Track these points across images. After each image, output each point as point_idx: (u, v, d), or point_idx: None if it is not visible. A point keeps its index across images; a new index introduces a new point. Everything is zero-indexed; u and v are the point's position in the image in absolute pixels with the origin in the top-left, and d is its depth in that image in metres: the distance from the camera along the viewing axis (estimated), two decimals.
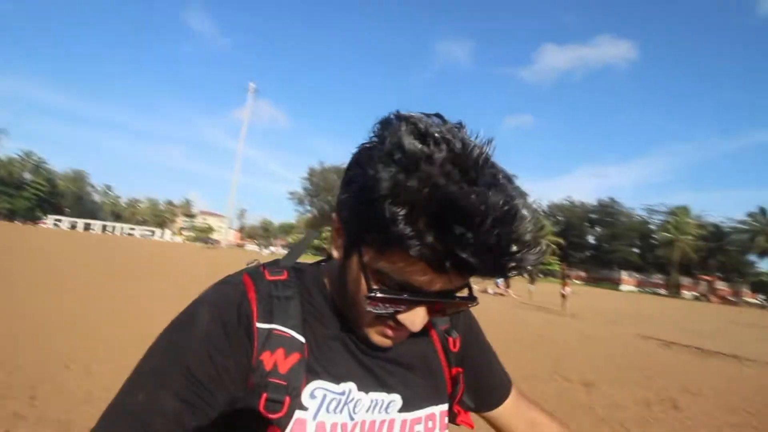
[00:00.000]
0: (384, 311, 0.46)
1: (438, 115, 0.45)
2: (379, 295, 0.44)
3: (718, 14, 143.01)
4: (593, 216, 70.52)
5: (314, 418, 0.48)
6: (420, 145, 0.39)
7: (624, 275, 61.36)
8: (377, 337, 0.51)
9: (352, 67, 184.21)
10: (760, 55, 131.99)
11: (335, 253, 0.52)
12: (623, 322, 15.44)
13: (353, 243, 0.48)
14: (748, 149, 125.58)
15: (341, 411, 0.50)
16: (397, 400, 0.55)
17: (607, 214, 68.73)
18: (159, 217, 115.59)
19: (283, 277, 0.53)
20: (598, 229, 71.13)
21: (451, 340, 0.62)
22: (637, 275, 61.78)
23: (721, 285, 56.82)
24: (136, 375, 0.45)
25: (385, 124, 0.44)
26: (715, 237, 58.93)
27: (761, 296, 55.16)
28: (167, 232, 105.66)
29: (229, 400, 0.46)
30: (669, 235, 56.44)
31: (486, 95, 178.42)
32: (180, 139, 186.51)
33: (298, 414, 0.48)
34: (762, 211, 55.17)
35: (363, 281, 0.46)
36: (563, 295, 17.13)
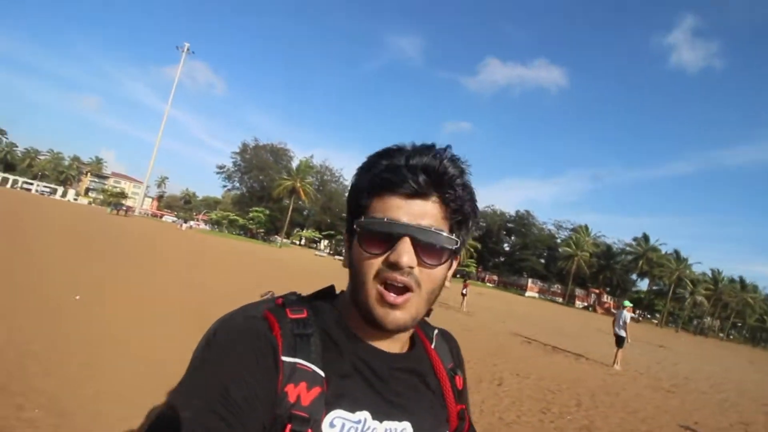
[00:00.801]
0: (378, 251, 0.55)
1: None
2: (364, 220, 0.56)
3: (635, 64, 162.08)
4: (510, 225, 76.13)
5: None
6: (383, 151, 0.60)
7: (530, 282, 67.19)
8: (380, 308, 0.56)
9: (301, 46, 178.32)
10: (664, 104, 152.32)
11: (345, 264, 0.62)
12: (508, 321, 17.21)
13: (351, 230, 0.59)
14: (645, 182, 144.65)
15: None
16: (408, 428, 0.59)
17: (522, 224, 74.63)
18: (63, 173, 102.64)
19: (304, 315, 0.58)
20: (513, 237, 76.90)
21: (457, 378, 0.70)
22: (541, 283, 68.06)
23: (606, 298, 64.81)
24: (178, 393, 0.48)
25: None
26: (606, 256, 67.09)
27: (637, 311, 64.11)
28: (71, 191, 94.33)
29: (257, 425, 0.48)
30: (570, 249, 62.92)
31: (430, 97, 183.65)
32: (96, 90, 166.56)
33: None
34: (645, 237, 63.82)
35: (356, 243, 0.57)
36: (463, 294, 18.79)
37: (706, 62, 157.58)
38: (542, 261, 71.49)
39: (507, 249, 77.91)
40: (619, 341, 10.54)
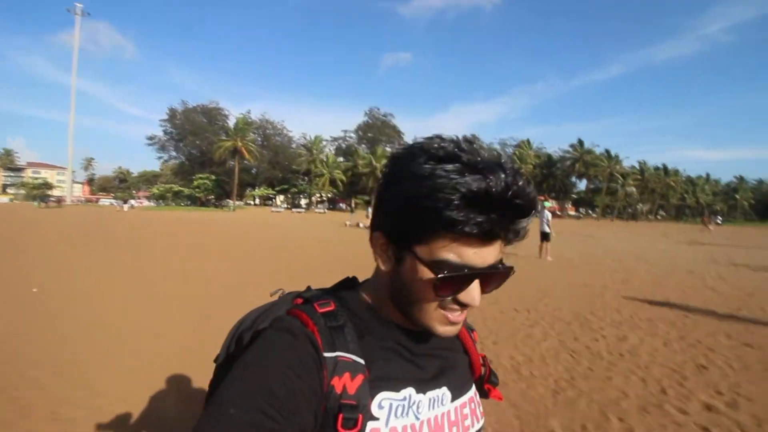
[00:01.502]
0: (450, 294, 0.55)
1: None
2: (447, 274, 0.52)
3: None
4: None
5: (386, 425, 0.55)
6: (442, 153, 0.52)
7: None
8: (441, 327, 0.57)
9: None
10: (592, 8, 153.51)
11: (383, 267, 0.59)
12: None
13: (405, 247, 0.56)
14: (579, 90, 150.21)
15: (407, 414, 0.57)
16: (446, 392, 0.63)
17: None
18: None
19: (332, 308, 0.60)
20: None
21: (474, 333, 0.77)
22: None
23: (551, 202, 70.27)
24: (223, 395, 0.49)
25: (401, 154, 0.57)
26: (548, 164, 71.60)
27: (580, 210, 70.12)
28: None
29: (309, 420, 0.51)
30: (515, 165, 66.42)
31: (366, 29, 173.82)
32: None
33: (370, 425, 0.54)
34: (580, 142, 68.30)
35: (424, 275, 0.54)
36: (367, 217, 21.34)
37: None
38: None
39: None
40: (544, 236, 12.22)
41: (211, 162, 60.05)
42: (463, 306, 0.57)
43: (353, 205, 61.17)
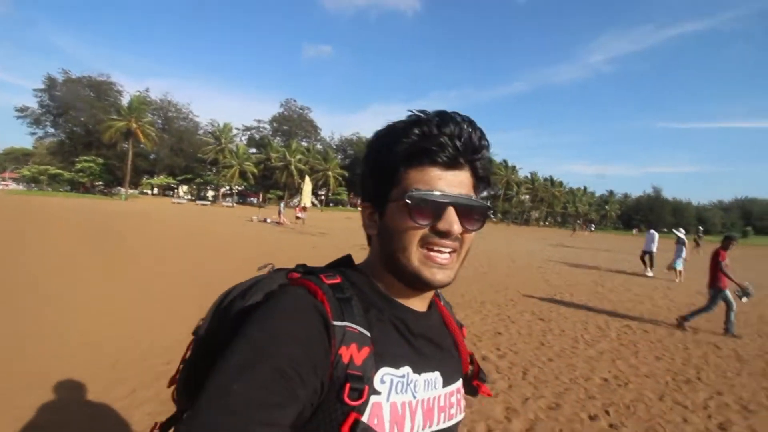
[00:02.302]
0: (427, 221, 0.58)
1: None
2: (415, 193, 0.57)
3: None
4: None
5: (387, 400, 0.57)
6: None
7: None
8: (427, 270, 0.60)
9: None
10: (504, 29, 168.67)
11: (373, 231, 0.64)
12: (359, 237, 19.57)
13: (384, 199, 0.61)
14: (488, 101, 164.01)
15: (405, 391, 0.59)
16: (438, 377, 0.65)
17: None
18: None
19: (338, 280, 0.61)
20: None
21: (463, 329, 0.78)
22: None
23: None
24: (230, 366, 0.48)
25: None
26: None
27: None
28: None
29: (315, 390, 0.51)
30: None
31: (286, 16, 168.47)
32: None
33: (373, 398, 0.55)
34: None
35: (400, 211, 0.59)
36: (297, 217, 22.67)
37: None
38: None
39: None
40: None
41: (99, 144, 52.87)
42: (442, 236, 0.59)
43: (262, 199, 59.07)
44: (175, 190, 66.06)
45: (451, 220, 0.58)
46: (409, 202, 0.58)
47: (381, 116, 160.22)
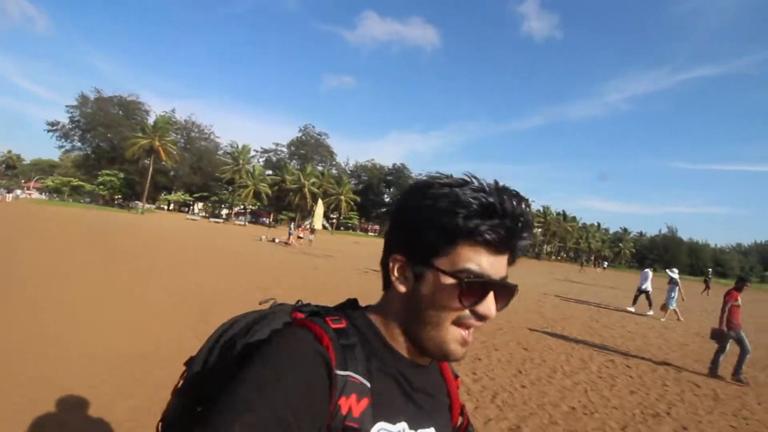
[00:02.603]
0: (472, 303, 0.58)
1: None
2: (473, 279, 0.56)
3: (497, 28, 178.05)
4: (389, 178, 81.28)
5: None
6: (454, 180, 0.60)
7: None
8: (455, 345, 0.60)
9: None
10: (523, 64, 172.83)
11: (402, 288, 0.61)
12: (363, 261, 19.80)
13: (426, 263, 0.59)
14: (505, 134, 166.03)
15: None
16: (433, 431, 0.64)
17: (399, 177, 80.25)
18: None
19: (344, 325, 0.60)
20: (392, 189, 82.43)
21: (458, 380, 0.78)
22: None
23: None
24: (233, 404, 0.47)
25: (417, 183, 0.62)
26: None
27: None
28: None
29: None
30: None
31: (309, 48, 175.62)
32: None
33: None
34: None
35: (447, 286, 0.57)
36: (299, 237, 23.55)
37: (550, 32, 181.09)
38: None
39: (387, 200, 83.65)
40: None
41: (122, 159, 55.21)
42: (480, 319, 0.59)
43: (274, 220, 59.95)
44: (191, 207, 67.72)
45: (491, 305, 0.59)
46: (463, 283, 0.57)
47: (399, 144, 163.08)
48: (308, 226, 26.11)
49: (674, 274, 11.58)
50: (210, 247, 18.15)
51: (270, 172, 67.55)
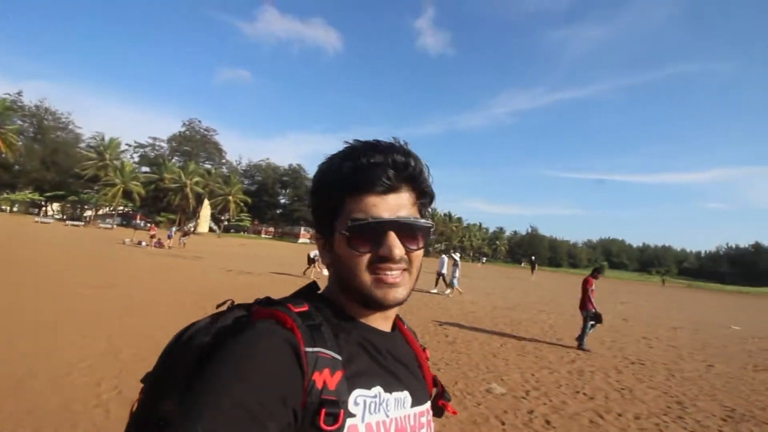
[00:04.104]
0: (367, 248, 0.61)
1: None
2: (352, 224, 0.60)
3: (396, 41, 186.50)
4: (285, 179, 79.46)
5: (362, 421, 0.57)
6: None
7: (302, 230, 73.01)
8: (378, 290, 0.62)
9: None
10: (418, 75, 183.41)
11: (326, 261, 0.67)
12: (233, 262, 19.41)
13: (330, 230, 0.64)
14: (411, 138, 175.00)
15: (378, 411, 0.59)
16: (408, 396, 0.65)
17: (295, 177, 79.01)
18: None
19: (306, 308, 0.61)
20: (288, 190, 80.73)
21: (426, 351, 0.79)
22: (312, 230, 74.44)
23: None
24: (194, 407, 0.46)
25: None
26: None
27: None
28: None
29: (288, 422, 0.50)
30: None
31: (201, 36, 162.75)
32: None
33: (348, 421, 0.55)
34: None
35: (343, 242, 0.62)
36: (151, 236, 24.27)
37: (443, 49, 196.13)
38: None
39: (283, 201, 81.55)
40: (312, 260, 14.85)
41: None
42: (383, 260, 0.61)
43: (150, 222, 54.38)
44: (45, 208, 57.60)
45: (391, 245, 0.61)
46: (347, 233, 0.61)
47: (301, 144, 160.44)
48: (184, 229, 24.57)
49: (457, 257, 14.17)
50: (60, 252, 16.08)
51: (147, 169, 61.05)
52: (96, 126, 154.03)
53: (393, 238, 0.61)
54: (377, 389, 0.60)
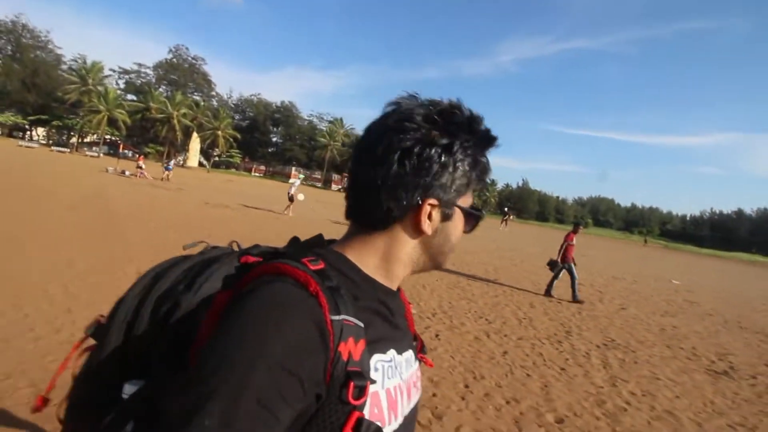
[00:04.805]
0: (471, 231, 0.68)
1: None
2: (479, 213, 0.65)
3: None
4: (277, 116, 77.54)
5: (382, 387, 0.54)
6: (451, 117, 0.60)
7: (293, 170, 72.84)
8: (447, 261, 0.68)
9: None
10: (420, 15, 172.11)
11: (428, 230, 0.61)
12: (213, 197, 19.79)
13: (453, 205, 0.62)
14: (403, 82, 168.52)
15: (395, 375, 0.58)
16: (412, 354, 0.67)
17: (287, 115, 77.13)
18: None
19: (322, 266, 0.54)
20: (280, 128, 79.14)
21: (410, 306, 0.78)
22: (303, 170, 74.77)
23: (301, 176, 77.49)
24: (209, 394, 0.41)
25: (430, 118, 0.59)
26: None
27: None
28: None
29: (309, 403, 0.47)
30: (324, 140, 70.37)
31: None
32: None
33: (371, 389, 0.51)
34: None
35: (461, 223, 0.65)
36: (138, 167, 24.47)
37: None
38: (304, 151, 77.76)
39: (275, 140, 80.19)
40: (291, 198, 15.80)
41: None
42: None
43: (134, 153, 53.78)
44: (27, 132, 56.36)
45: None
46: (475, 218, 0.65)
47: (296, 80, 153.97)
48: (166, 162, 24.66)
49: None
50: (38, 175, 16.28)
51: (133, 97, 59.09)
52: (77, 49, 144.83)
53: None
54: (392, 352, 0.59)
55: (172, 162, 28.92)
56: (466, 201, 0.63)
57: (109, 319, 0.59)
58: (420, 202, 0.58)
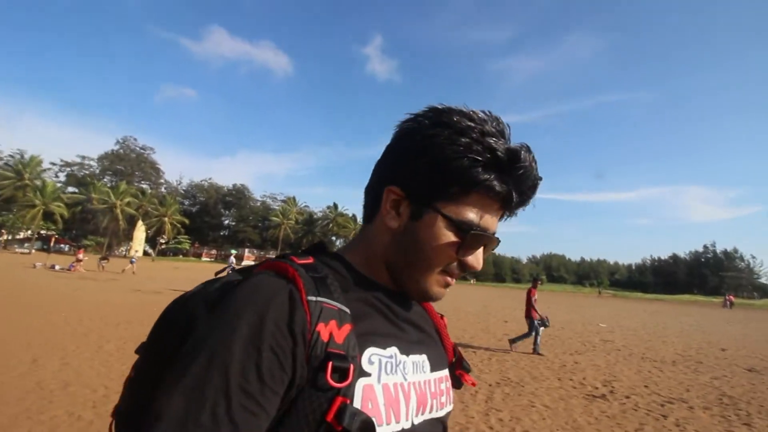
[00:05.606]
0: (468, 254, 0.56)
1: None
2: (477, 232, 0.54)
3: (345, 66, 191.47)
4: (229, 199, 77.68)
5: (378, 381, 0.52)
6: (470, 119, 0.55)
7: (246, 252, 71.34)
8: (437, 288, 0.59)
9: None
10: (367, 101, 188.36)
11: (393, 224, 0.57)
12: (145, 284, 19.03)
13: (427, 203, 0.55)
14: (362, 160, 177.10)
15: (395, 372, 0.55)
16: (426, 361, 0.61)
17: (239, 198, 77.53)
18: None
19: (311, 260, 0.55)
20: (232, 210, 78.84)
21: (444, 318, 0.75)
22: (257, 252, 73.48)
23: None
24: (187, 383, 0.42)
25: (433, 109, 0.57)
26: (308, 222, 79.30)
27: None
28: None
29: (291, 383, 0.46)
30: (277, 219, 70.77)
31: (144, 52, 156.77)
32: None
33: (363, 381, 0.50)
34: (335, 205, 79.20)
35: (446, 232, 0.55)
36: (78, 260, 23.00)
37: (391, 75, 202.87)
38: (257, 231, 77.24)
39: (226, 223, 79.39)
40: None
41: None
42: (464, 270, 0.58)
43: (71, 247, 50.88)
44: None
45: (480, 258, 0.58)
46: (469, 235, 0.55)
47: (250, 164, 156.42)
48: (104, 254, 23.71)
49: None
50: None
51: (74, 189, 57.45)
52: (15, 143, 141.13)
53: (482, 251, 0.59)
54: (393, 350, 0.56)
55: (134, 258, 27.75)
56: (458, 210, 0.55)
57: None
58: (380, 186, 0.59)
